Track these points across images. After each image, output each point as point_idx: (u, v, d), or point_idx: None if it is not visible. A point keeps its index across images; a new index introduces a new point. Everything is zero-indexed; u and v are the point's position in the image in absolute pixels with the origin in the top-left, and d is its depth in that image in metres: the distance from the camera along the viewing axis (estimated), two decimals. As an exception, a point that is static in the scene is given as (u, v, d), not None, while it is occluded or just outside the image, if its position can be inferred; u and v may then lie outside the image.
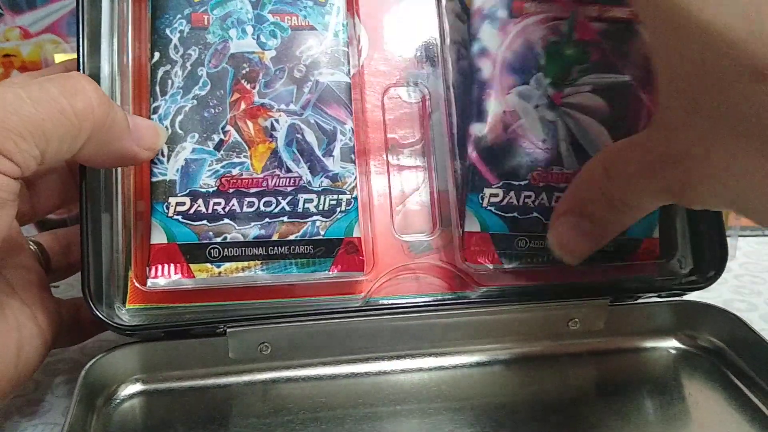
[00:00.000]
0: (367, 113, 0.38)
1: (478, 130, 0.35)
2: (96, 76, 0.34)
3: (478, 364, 0.36)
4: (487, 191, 0.35)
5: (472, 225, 0.35)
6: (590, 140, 0.36)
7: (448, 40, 0.38)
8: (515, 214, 0.35)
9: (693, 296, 0.38)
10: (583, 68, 0.36)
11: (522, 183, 0.35)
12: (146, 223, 0.33)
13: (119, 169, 0.34)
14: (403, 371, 0.35)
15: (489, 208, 0.35)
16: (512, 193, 0.35)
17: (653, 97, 0.32)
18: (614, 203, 0.30)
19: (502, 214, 0.35)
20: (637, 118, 0.36)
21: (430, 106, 0.38)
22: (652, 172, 0.28)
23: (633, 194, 0.30)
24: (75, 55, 0.34)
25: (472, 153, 0.35)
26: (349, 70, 0.36)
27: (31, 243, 0.36)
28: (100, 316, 0.31)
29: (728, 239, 0.37)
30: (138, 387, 0.34)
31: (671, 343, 0.38)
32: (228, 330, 0.33)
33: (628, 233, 0.36)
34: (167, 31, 0.35)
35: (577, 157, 0.36)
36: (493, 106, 0.35)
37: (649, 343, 0.38)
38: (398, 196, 0.37)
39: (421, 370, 0.35)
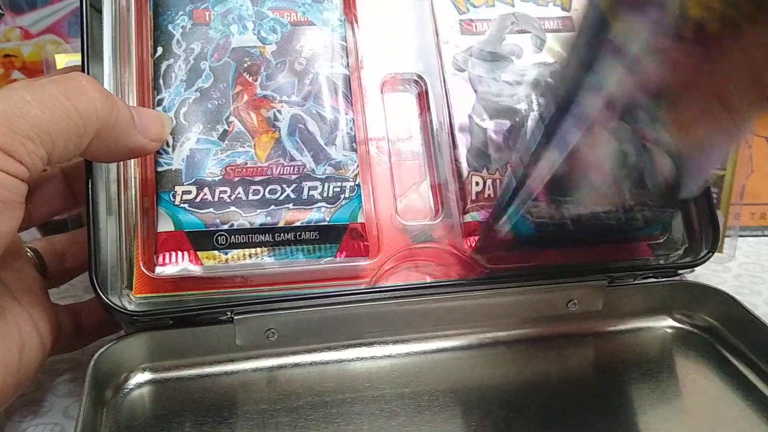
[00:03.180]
0: (367, 105, 0.38)
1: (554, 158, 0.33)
2: (99, 73, 0.35)
3: (481, 346, 0.36)
4: (531, 203, 0.35)
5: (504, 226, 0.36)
6: (654, 174, 0.34)
7: (442, 37, 0.39)
8: (546, 220, 0.35)
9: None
10: None
11: (567, 198, 0.34)
12: (152, 212, 0.34)
13: (124, 162, 0.35)
14: (408, 354, 0.36)
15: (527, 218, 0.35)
16: (554, 206, 0.35)
17: None
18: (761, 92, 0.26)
19: (535, 221, 0.35)
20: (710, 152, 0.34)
21: (428, 100, 0.39)
22: None
23: None
24: (76, 56, 0.34)
25: (536, 178, 0.33)
26: (347, 62, 0.37)
27: (28, 249, 0.36)
28: (108, 302, 0.31)
29: (728, 239, 0.38)
30: (146, 376, 0.34)
31: (668, 323, 0.39)
32: (235, 317, 0.33)
33: (638, 232, 0.37)
34: (170, 27, 0.36)
35: (636, 192, 0.34)
36: (576, 137, 0.32)
37: (647, 323, 0.39)
38: (400, 185, 0.38)
39: (425, 353, 0.36)
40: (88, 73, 0.34)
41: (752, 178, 0.55)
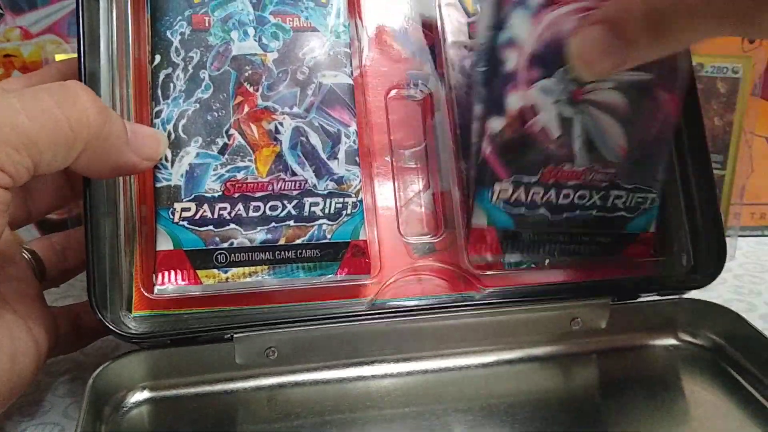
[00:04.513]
0: (371, 114, 0.37)
1: (495, 125, 0.34)
2: (95, 81, 0.34)
3: (483, 365, 0.36)
4: (497, 186, 0.35)
5: (480, 219, 0.35)
6: (605, 138, 0.35)
7: (449, 40, 0.38)
8: (522, 210, 0.35)
9: (693, 295, 0.39)
10: None
11: (532, 179, 0.35)
12: (151, 229, 0.33)
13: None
14: (409, 373, 0.35)
15: (497, 203, 0.35)
16: (522, 189, 0.35)
17: None
18: (657, 26, 0.27)
19: (510, 210, 0.35)
20: (653, 119, 0.36)
21: (433, 106, 0.38)
22: None
23: (685, 18, 0.26)
24: (74, 55, 0.33)
25: (486, 148, 0.34)
26: (351, 71, 0.36)
27: (25, 251, 0.36)
28: (107, 324, 0.31)
29: (728, 239, 0.38)
30: (146, 394, 0.33)
31: (672, 341, 0.39)
32: (235, 335, 0.33)
33: (625, 227, 0.37)
34: (168, 33, 0.35)
35: (590, 155, 0.35)
36: (513, 100, 0.34)
37: (651, 341, 0.38)
38: (403, 198, 0.37)
39: (426, 372, 0.36)
40: (84, 73, 0.33)
41: (752, 178, 0.55)
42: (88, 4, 0.34)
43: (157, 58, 0.34)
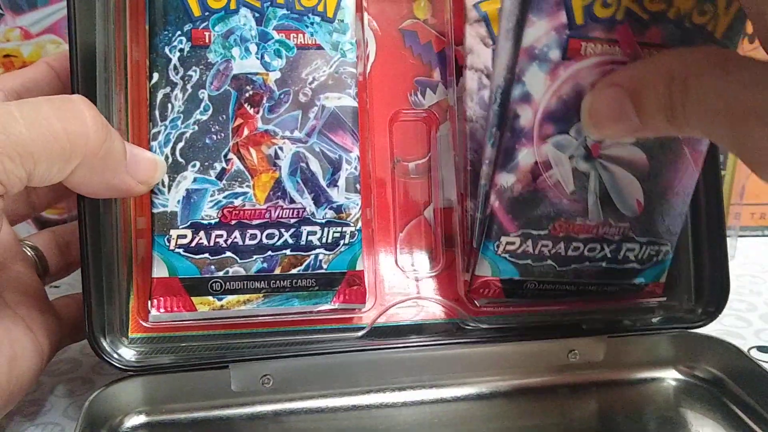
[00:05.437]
0: (373, 125, 0.36)
1: (505, 180, 0.33)
2: (92, 97, 0.33)
3: (479, 397, 0.36)
4: (504, 239, 0.34)
5: (484, 270, 0.35)
6: (622, 194, 0.34)
7: (468, 65, 0.36)
8: (528, 261, 0.34)
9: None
10: None
11: (542, 233, 0.34)
12: (147, 255, 0.33)
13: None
14: (404, 404, 0.35)
15: (503, 255, 0.34)
16: (529, 242, 0.34)
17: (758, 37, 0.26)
18: (673, 111, 0.26)
19: (516, 261, 0.34)
20: (675, 173, 0.34)
21: (438, 118, 0.37)
22: (731, 118, 0.24)
23: (697, 119, 0.26)
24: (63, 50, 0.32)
25: (494, 202, 0.33)
26: (356, 93, 0.35)
27: (28, 248, 0.36)
28: (105, 357, 0.31)
29: (728, 239, 0.37)
30: (141, 419, 0.33)
31: (671, 374, 0.38)
32: (230, 363, 0.33)
33: (635, 279, 0.36)
34: (166, 50, 0.33)
35: (604, 210, 0.34)
36: (525, 156, 0.33)
37: (649, 374, 0.38)
38: (402, 218, 0.37)
39: (422, 402, 0.35)
40: (78, 65, 0.32)
41: (752, 178, 0.54)
42: (81, 16, 0.32)
43: (155, 76, 0.33)
